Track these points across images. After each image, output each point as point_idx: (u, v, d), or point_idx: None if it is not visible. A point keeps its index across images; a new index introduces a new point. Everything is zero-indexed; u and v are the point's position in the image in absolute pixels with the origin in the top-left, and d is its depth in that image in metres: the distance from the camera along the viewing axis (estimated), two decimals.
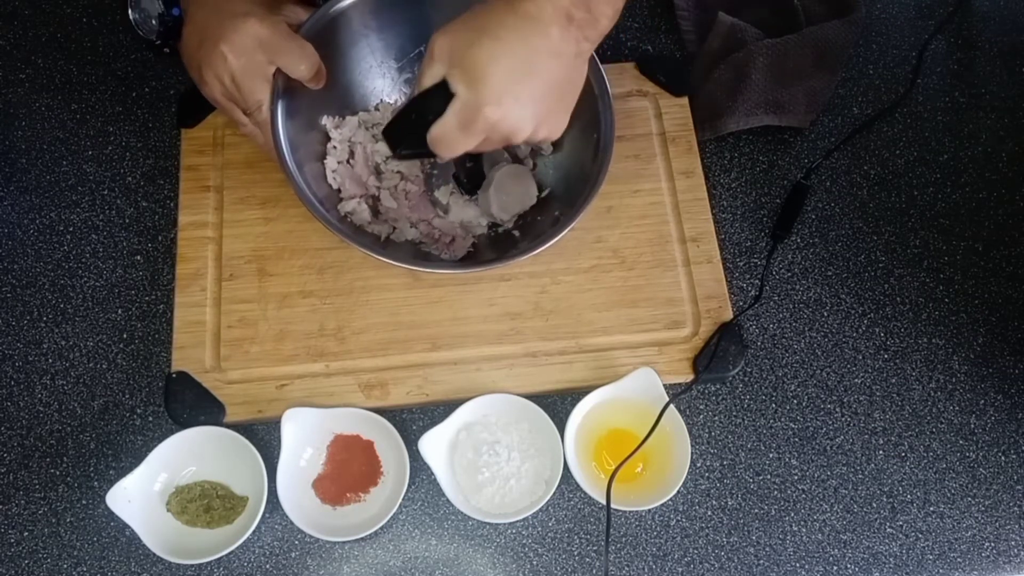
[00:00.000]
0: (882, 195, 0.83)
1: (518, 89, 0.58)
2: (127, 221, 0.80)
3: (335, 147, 0.78)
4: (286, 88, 0.69)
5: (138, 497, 0.67)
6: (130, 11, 0.77)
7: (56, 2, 0.89)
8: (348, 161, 0.79)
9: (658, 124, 0.83)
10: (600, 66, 0.73)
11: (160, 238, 0.79)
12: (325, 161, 0.78)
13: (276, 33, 0.67)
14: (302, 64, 0.68)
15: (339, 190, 0.78)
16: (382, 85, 0.81)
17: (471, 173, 0.77)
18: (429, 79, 0.60)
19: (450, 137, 0.60)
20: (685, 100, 0.84)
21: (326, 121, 0.78)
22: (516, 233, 0.78)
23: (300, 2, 0.73)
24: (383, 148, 0.79)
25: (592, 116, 0.73)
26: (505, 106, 0.58)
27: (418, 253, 0.77)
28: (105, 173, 0.82)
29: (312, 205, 0.70)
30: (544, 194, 0.79)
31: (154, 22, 0.75)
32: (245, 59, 0.66)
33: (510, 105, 0.58)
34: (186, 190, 0.79)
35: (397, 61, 0.80)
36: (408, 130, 0.63)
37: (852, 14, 0.85)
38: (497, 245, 0.78)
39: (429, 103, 0.61)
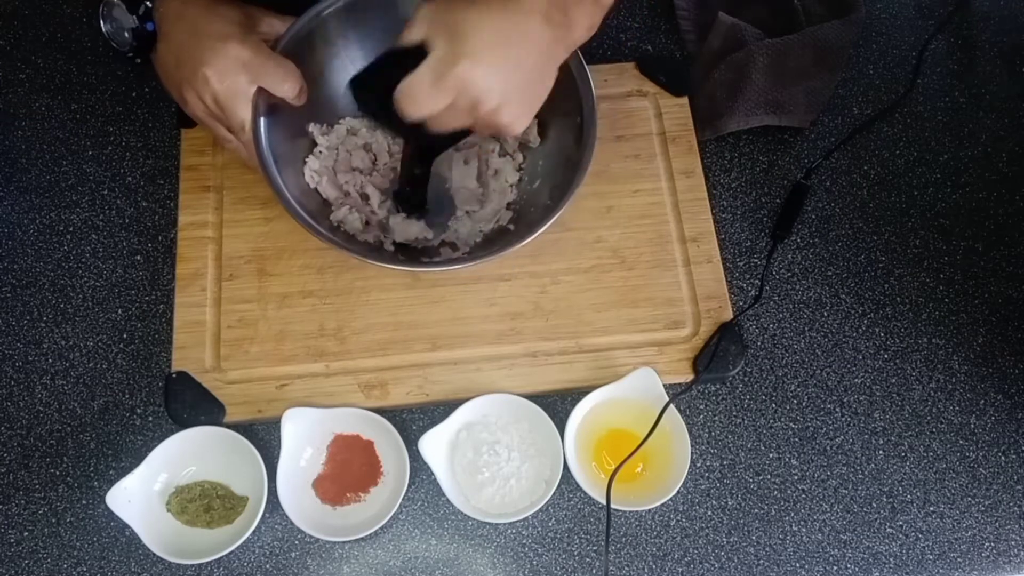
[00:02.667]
0: (882, 195, 0.83)
1: (495, 56, 0.59)
2: (127, 221, 0.80)
3: (321, 151, 0.78)
4: (269, 104, 0.69)
5: (138, 497, 0.67)
6: (102, 23, 0.76)
7: (56, 2, 0.89)
8: (332, 167, 0.78)
9: (658, 124, 0.83)
10: (579, 53, 0.72)
11: (160, 238, 0.79)
12: (306, 160, 0.77)
13: (258, 55, 0.67)
14: (285, 83, 0.68)
15: (317, 189, 0.77)
16: None
17: (415, 186, 0.75)
18: (407, 40, 0.60)
19: (420, 92, 0.59)
20: (685, 100, 0.84)
21: (313, 129, 0.78)
22: (511, 227, 0.78)
23: (276, 15, 0.72)
24: (364, 158, 0.79)
25: (574, 101, 0.72)
26: (481, 66, 0.58)
27: (412, 255, 0.77)
28: (105, 173, 0.82)
29: (301, 218, 0.69)
30: (536, 185, 0.78)
31: (127, 35, 0.75)
32: (228, 82, 0.66)
33: (485, 67, 0.58)
34: (186, 190, 0.79)
35: None
36: (376, 85, 0.62)
37: (852, 14, 0.85)
38: (492, 241, 0.78)
39: (403, 61, 0.60)
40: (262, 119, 0.69)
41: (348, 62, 0.77)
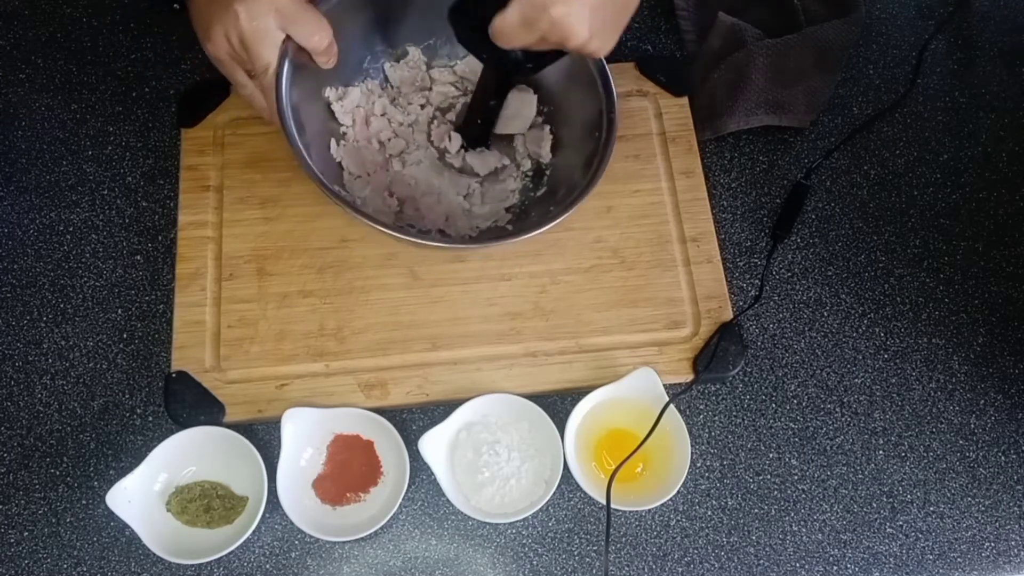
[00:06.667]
0: (882, 195, 0.83)
1: None
2: (127, 221, 0.80)
3: (344, 125, 0.79)
4: (293, 57, 0.69)
5: (138, 497, 0.67)
6: None
7: (56, 2, 0.89)
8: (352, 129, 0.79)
9: (658, 124, 0.83)
10: (607, 68, 0.73)
11: (160, 238, 0.79)
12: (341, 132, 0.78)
13: (293, 2, 0.67)
14: (315, 35, 0.68)
15: (340, 163, 0.78)
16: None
17: (486, 118, 0.75)
18: None
19: (510, 30, 0.62)
20: (685, 100, 0.84)
21: (329, 93, 0.78)
22: (509, 227, 0.78)
23: None
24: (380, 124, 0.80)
25: (595, 115, 0.73)
26: (569, 6, 0.60)
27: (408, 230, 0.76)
28: (105, 173, 0.82)
29: (311, 170, 0.69)
30: (540, 193, 0.78)
31: None
32: (258, 22, 0.66)
33: (574, 6, 0.60)
34: (186, 190, 0.79)
35: (416, 45, 0.81)
36: (472, 14, 0.65)
37: (852, 14, 0.85)
38: (487, 236, 0.77)
39: None
40: (285, 68, 0.68)
41: (382, 40, 0.78)
